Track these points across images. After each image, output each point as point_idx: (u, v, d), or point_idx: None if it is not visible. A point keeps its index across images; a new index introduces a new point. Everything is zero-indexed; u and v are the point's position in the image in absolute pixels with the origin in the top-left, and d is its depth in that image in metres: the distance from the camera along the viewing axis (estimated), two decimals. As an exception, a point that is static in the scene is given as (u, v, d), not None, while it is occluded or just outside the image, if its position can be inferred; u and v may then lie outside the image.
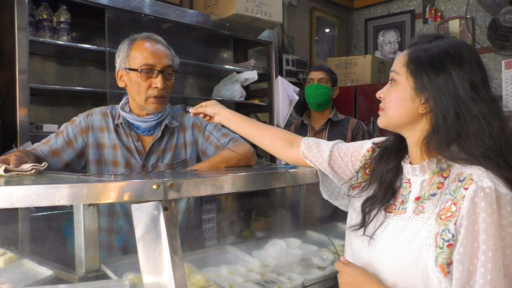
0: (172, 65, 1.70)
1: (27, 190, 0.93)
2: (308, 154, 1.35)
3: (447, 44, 1.08)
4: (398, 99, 1.11)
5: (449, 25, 4.40)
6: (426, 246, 0.99)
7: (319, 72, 3.09)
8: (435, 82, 1.05)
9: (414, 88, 1.08)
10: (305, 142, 1.38)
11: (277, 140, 1.42)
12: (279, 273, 1.43)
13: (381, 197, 1.16)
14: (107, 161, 1.72)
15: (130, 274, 1.27)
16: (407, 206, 1.11)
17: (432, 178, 1.08)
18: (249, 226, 3.04)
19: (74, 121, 1.74)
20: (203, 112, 1.52)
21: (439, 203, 1.02)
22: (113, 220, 1.73)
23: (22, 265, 1.40)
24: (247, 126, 1.47)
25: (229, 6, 3.05)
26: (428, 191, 1.08)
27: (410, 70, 1.09)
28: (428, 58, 1.07)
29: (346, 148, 1.32)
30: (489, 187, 0.93)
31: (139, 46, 1.67)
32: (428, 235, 1.00)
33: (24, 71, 2.27)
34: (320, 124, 3.06)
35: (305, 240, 1.77)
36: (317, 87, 3.02)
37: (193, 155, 1.79)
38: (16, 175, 1.27)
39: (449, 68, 1.04)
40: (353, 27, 5.24)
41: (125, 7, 2.66)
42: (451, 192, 0.99)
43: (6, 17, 2.34)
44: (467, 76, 1.03)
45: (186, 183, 1.04)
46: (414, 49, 1.12)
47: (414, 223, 1.06)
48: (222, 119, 1.49)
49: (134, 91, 1.67)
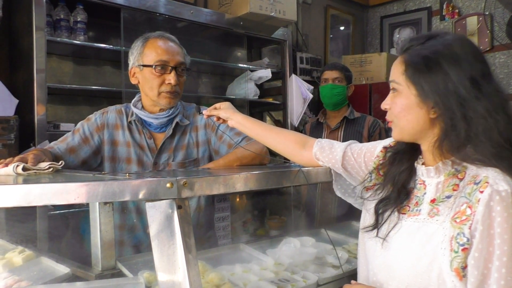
0: (184, 62, 1.74)
1: (44, 188, 0.94)
2: (320, 156, 1.35)
3: (440, 43, 1.05)
4: (405, 109, 1.08)
5: (467, 22, 4.33)
6: (441, 250, 0.98)
7: (333, 72, 3.05)
8: (435, 85, 1.02)
9: (417, 95, 1.05)
10: (318, 143, 1.38)
11: (290, 142, 1.43)
12: (293, 272, 1.43)
13: (395, 198, 1.15)
14: (120, 158, 1.74)
15: (146, 272, 1.28)
16: (422, 208, 1.09)
17: (448, 180, 1.06)
18: (263, 224, 3.04)
19: (89, 119, 1.77)
20: (217, 115, 1.53)
21: (454, 206, 1.01)
22: (128, 218, 1.75)
23: (40, 263, 1.42)
24: (260, 130, 1.47)
25: (243, 4, 3.04)
26: (443, 193, 1.06)
27: (409, 78, 1.06)
28: (423, 62, 1.04)
29: (360, 149, 1.31)
30: (505, 191, 0.92)
31: (153, 44, 1.70)
32: (443, 238, 0.99)
33: (41, 70, 2.30)
34: (336, 122, 3.04)
35: (319, 239, 1.76)
36: (332, 87, 2.99)
37: (205, 154, 1.80)
38: (34, 173, 1.29)
39: (446, 69, 1.01)
40: (368, 24, 5.19)
41: (141, 7, 2.67)
42: (466, 195, 0.98)
43: (24, 17, 2.38)
44: (466, 73, 1.00)
45: (199, 181, 1.04)
46: (408, 55, 1.08)
47: (428, 226, 1.05)
48: (235, 124, 1.50)
49: (147, 87, 1.70)
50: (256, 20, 3.17)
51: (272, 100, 3.70)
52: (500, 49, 4.14)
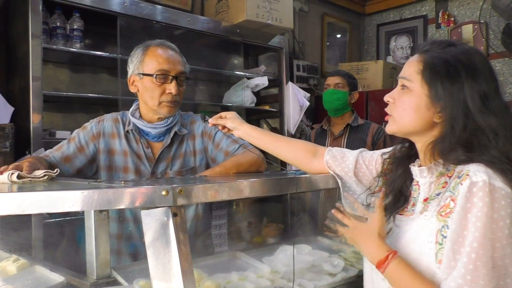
0: (185, 72, 1.73)
1: (38, 196, 0.94)
2: (332, 164, 1.36)
3: (461, 52, 1.07)
4: (412, 107, 1.10)
5: (463, 30, 4.36)
6: (428, 244, 1.02)
7: (335, 77, 3.06)
8: (449, 91, 1.04)
9: (429, 97, 1.07)
10: (329, 152, 1.39)
11: (300, 151, 1.43)
12: (289, 280, 1.42)
13: (392, 204, 1.18)
14: (117, 167, 1.73)
15: (141, 280, 1.27)
16: (416, 208, 1.13)
17: (439, 178, 1.09)
18: (260, 232, 3.03)
19: (85, 127, 1.76)
20: (223, 124, 1.52)
21: (440, 201, 1.04)
22: (124, 226, 1.74)
23: (34, 271, 1.41)
24: (268, 140, 1.47)
25: (240, 12, 3.05)
26: (434, 191, 1.09)
27: (425, 78, 1.08)
28: (443, 66, 1.06)
29: (371, 156, 1.33)
30: (483, 181, 0.94)
31: (154, 52, 1.69)
32: (430, 232, 1.03)
33: (37, 78, 2.29)
34: (339, 129, 3.03)
35: (315, 246, 1.76)
36: (332, 92, 3.00)
37: (202, 162, 1.79)
38: (29, 181, 1.28)
39: (463, 78, 1.03)
40: (365, 32, 5.22)
41: (137, 14, 2.68)
42: (451, 189, 1.02)
43: (21, 25, 2.38)
44: (479, 87, 1.03)
45: (195, 189, 1.04)
46: (428, 56, 1.10)
47: (417, 222, 1.09)
48: (243, 134, 1.49)
49: (148, 96, 1.69)
50: (252, 28, 3.18)
51: (269, 108, 3.70)
52: (495, 57, 4.17)
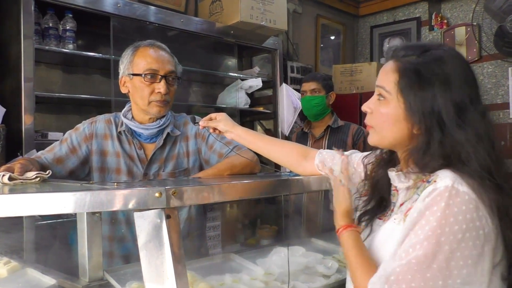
0: (175, 71, 1.72)
1: (30, 198, 0.93)
2: (322, 167, 1.36)
3: (433, 59, 1.03)
4: (390, 119, 1.07)
5: (455, 32, 4.38)
6: (398, 246, 1.00)
7: (309, 83, 3.07)
8: (422, 104, 1.01)
9: (405, 109, 1.04)
10: (319, 155, 1.39)
11: (292, 154, 1.44)
12: (283, 282, 1.42)
13: (372, 209, 1.18)
14: (110, 168, 1.72)
15: (134, 283, 1.26)
16: (393, 213, 1.12)
17: (416, 183, 1.07)
18: (254, 233, 3.03)
19: (78, 128, 1.75)
20: (214, 126, 1.50)
21: (408, 205, 1.04)
22: (116, 228, 1.73)
23: (25, 274, 1.40)
24: (261, 143, 1.47)
25: (234, 13, 3.05)
26: (410, 196, 1.07)
27: (400, 90, 1.04)
28: (417, 78, 1.02)
29: (360, 159, 1.33)
30: (445, 186, 0.94)
31: (143, 52, 1.69)
32: (400, 234, 1.01)
33: (30, 79, 2.27)
34: (320, 131, 3.05)
35: (309, 248, 1.75)
36: (310, 99, 3.02)
37: (196, 164, 1.78)
38: (20, 183, 1.27)
39: (435, 89, 1.00)
40: (359, 34, 5.23)
41: (130, 15, 2.66)
42: (419, 192, 1.01)
43: (13, 25, 2.36)
44: (453, 97, 0.99)
45: (188, 191, 1.03)
46: (403, 65, 1.05)
47: (387, 226, 1.09)
48: (235, 137, 1.48)
49: (137, 96, 1.68)
50: (246, 29, 3.17)
51: (263, 109, 3.70)
52: (488, 59, 4.19)
